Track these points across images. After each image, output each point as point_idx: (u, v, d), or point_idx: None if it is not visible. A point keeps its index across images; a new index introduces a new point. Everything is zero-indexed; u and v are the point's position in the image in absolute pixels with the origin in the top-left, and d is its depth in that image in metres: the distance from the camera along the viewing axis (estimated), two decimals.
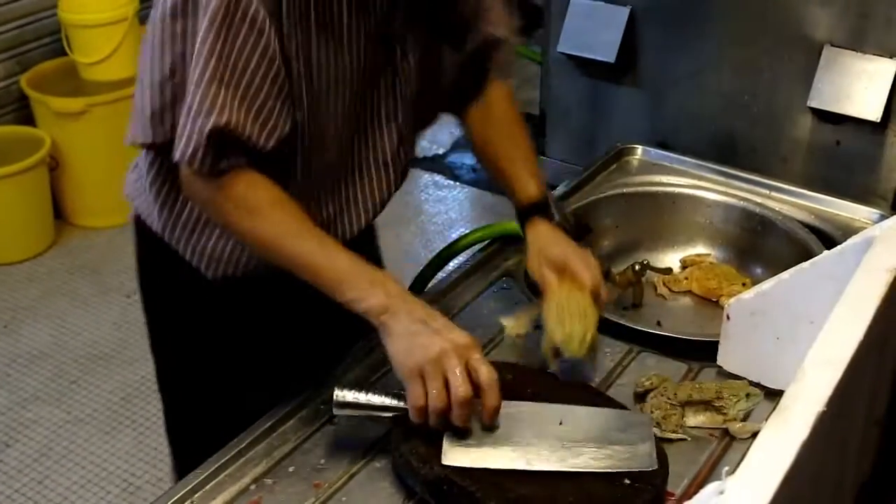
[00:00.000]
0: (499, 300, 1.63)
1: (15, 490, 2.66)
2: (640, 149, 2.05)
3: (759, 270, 1.77)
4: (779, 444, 0.84)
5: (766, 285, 1.37)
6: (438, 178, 4.15)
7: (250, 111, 1.24)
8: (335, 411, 1.27)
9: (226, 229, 1.39)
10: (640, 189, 1.92)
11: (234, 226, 1.32)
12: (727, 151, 2.14)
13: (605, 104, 2.48)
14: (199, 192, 1.32)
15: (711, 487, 0.82)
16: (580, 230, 1.78)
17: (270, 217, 1.29)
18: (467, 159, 4.27)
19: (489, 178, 1.62)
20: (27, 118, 3.74)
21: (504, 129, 1.55)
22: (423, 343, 1.20)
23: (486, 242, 1.77)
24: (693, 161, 2.00)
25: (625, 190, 1.91)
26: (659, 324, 1.62)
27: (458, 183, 4.15)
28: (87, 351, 3.18)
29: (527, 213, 1.50)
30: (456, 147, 4.25)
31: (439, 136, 4.32)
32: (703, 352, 1.48)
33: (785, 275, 1.36)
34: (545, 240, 1.47)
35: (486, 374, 1.20)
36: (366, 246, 1.53)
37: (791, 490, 0.83)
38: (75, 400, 2.97)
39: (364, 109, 1.39)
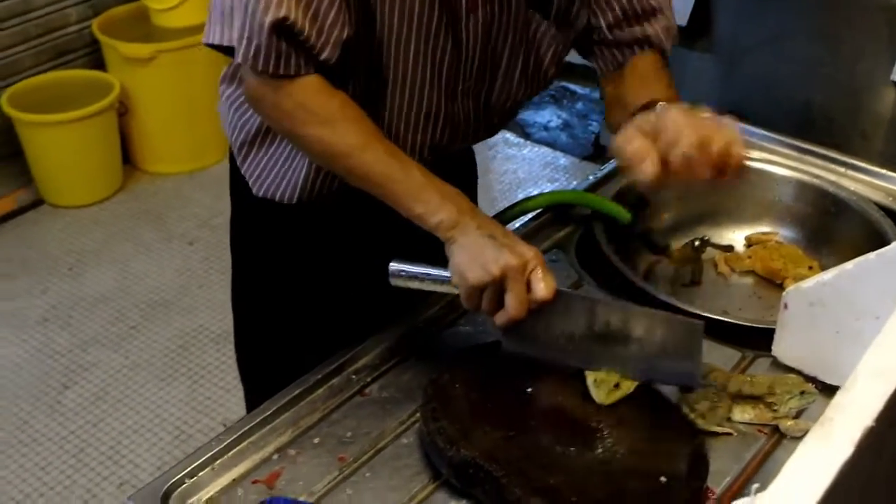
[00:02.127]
0: None
1: (70, 431, 2.70)
2: None
3: (828, 253, 1.67)
4: (817, 460, 0.77)
5: (828, 275, 1.28)
6: (509, 135, 4.07)
7: (308, 10, 1.19)
8: (391, 282, 1.25)
9: (291, 139, 1.34)
10: None
11: (303, 136, 1.28)
12: (802, 124, 2.02)
13: (674, 70, 2.35)
14: (264, 97, 1.27)
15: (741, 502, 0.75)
16: (638, 204, 1.71)
17: (342, 127, 1.25)
18: (540, 117, 4.18)
19: (561, 140, 1.53)
20: (98, 63, 3.75)
21: (642, 80, 1.45)
22: (488, 258, 1.18)
23: (539, 210, 1.70)
24: (764, 133, 1.89)
25: None
26: (726, 313, 1.53)
27: (528, 141, 4.06)
28: (149, 297, 3.20)
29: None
30: (528, 104, 4.15)
31: None
32: (758, 339, 1.39)
33: (849, 265, 1.26)
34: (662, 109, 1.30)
35: (542, 292, 1.18)
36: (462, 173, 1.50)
37: None
38: (133, 346, 2.99)
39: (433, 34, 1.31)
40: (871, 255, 1.24)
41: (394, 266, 1.26)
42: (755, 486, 0.75)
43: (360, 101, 1.28)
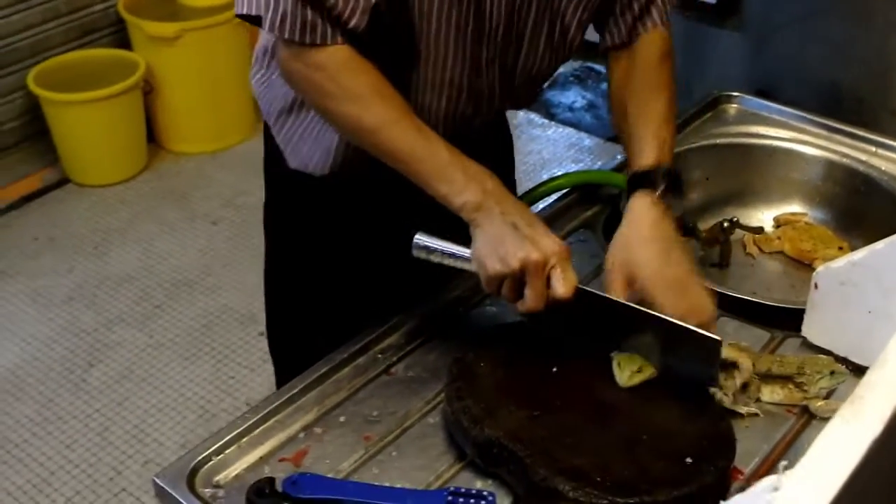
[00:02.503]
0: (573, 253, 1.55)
1: (95, 410, 2.71)
2: (737, 97, 1.92)
3: (858, 234, 1.65)
4: (846, 439, 0.76)
5: (859, 255, 1.27)
6: (534, 116, 4.04)
7: None
8: (413, 253, 1.24)
9: (321, 114, 1.34)
10: (734, 140, 1.80)
11: (332, 111, 1.28)
12: (832, 104, 1.99)
13: (703, 48, 2.34)
14: (297, 71, 1.27)
15: (766, 482, 0.74)
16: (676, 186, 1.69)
17: (371, 103, 1.24)
18: (564, 98, 4.15)
19: (586, 120, 1.51)
20: (123, 42, 3.75)
21: (642, 87, 1.40)
22: (508, 250, 1.15)
23: (566, 190, 1.69)
24: (794, 112, 1.86)
25: (718, 141, 1.80)
26: (754, 294, 1.51)
27: (553, 122, 4.04)
28: (173, 276, 3.21)
29: (632, 184, 1.33)
30: (553, 84, 4.12)
31: None
32: (787, 320, 1.38)
33: (879, 244, 1.25)
34: (635, 231, 1.27)
35: (561, 290, 1.16)
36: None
37: (857, 493, 0.75)
38: (158, 324, 3.01)
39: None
40: None
41: (418, 238, 1.24)
42: (783, 463, 0.74)
43: (387, 72, 1.27)
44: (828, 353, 1.33)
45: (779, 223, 1.73)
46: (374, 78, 1.25)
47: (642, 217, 1.29)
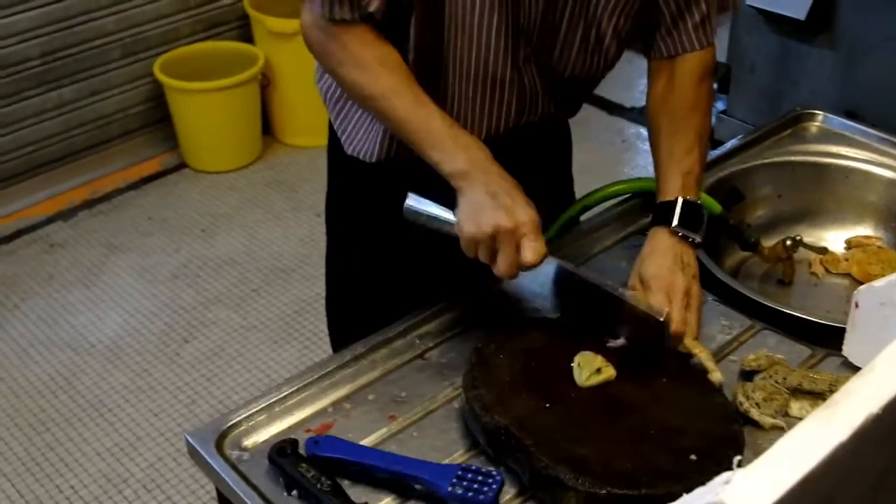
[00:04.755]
0: (624, 258, 1.56)
1: (186, 383, 2.83)
2: (820, 115, 1.89)
3: None
4: (809, 440, 0.76)
5: None
6: (643, 129, 4.02)
7: None
8: (405, 215, 1.30)
9: (332, 76, 1.43)
10: (810, 158, 1.78)
11: (340, 75, 1.37)
12: None
13: (793, 65, 2.30)
14: (316, 38, 1.37)
15: (720, 477, 0.75)
16: (730, 197, 1.68)
17: (376, 73, 1.33)
18: None
19: None
20: (246, 36, 3.90)
21: (678, 106, 1.44)
22: (484, 216, 1.23)
23: (626, 196, 1.70)
24: (877, 134, 1.82)
25: (793, 158, 1.78)
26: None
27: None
28: (272, 263, 3.32)
29: (655, 214, 1.42)
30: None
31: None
32: (829, 338, 1.36)
33: None
34: (649, 251, 1.38)
35: (528, 257, 1.22)
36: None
37: (822, 498, 0.75)
38: (252, 307, 3.12)
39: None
40: None
41: (408, 201, 1.30)
42: (737, 458, 0.75)
43: (423, 67, 1.32)
44: None
45: (850, 245, 1.70)
46: (382, 51, 1.33)
47: (658, 243, 1.38)
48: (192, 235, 3.46)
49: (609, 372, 1.22)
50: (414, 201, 1.30)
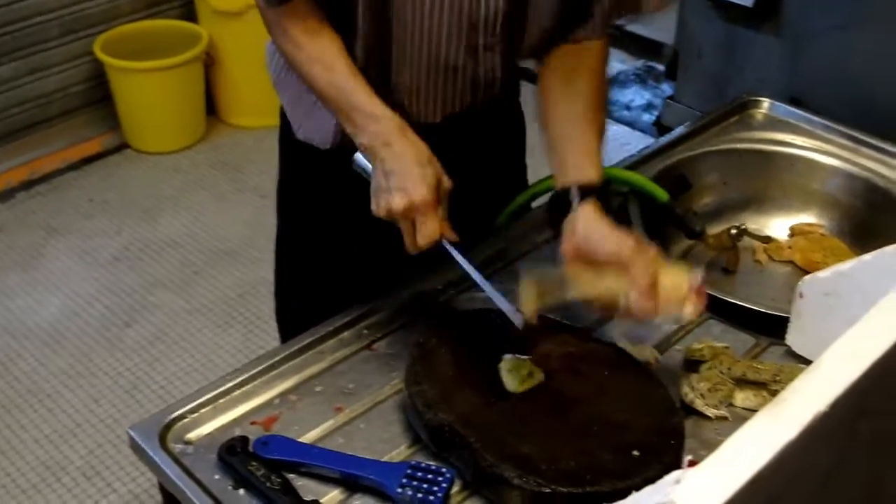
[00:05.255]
0: None
1: (127, 368, 2.79)
2: (766, 102, 1.90)
3: (873, 249, 1.62)
4: (758, 438, 0.76)
5: (845, 266, 1.26)
6: None
7: None
8: (354, 168, 1.32)
9: (277, 47, 1.42)
10: (756, 146, 1.79)
11: (279, 46, 1.37)
12: (865, 116, 1.95)
13: (740, 51, 2.31)
14: (263, 13, 1.36)
15: (671, 476, 0.74)
16: (677, 185, 1.68)
17: (305, 46, 1.33)
18: (622, 96, 4.13)
19: (642, 120, 1.50)
20: (190, 14, 3.83)
21: (574, 111, 1.40)
22: (381, 200, 1.25)
23: None
24: (822, 122, 1.84)
25: (739, 145, 1.79)
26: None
27: (609, 119, 4.01)
28: (216, 245, 3.27)
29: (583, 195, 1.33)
30: (612, 82, 4.10)
31: None
32: (773, 327, 1.37)
33: (867, 256, 1.24)
34: (583, 214, 1.30)
35: (418, 241, 1.24)
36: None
37: (771, 497, 0.75)
38: (195, 290, 3.07)
39: None
40: (890, 248, 1.21)
41: (356, 154, 1.32)
42: (688, 457, 0.75)
43: (372, 53, 1.30)
44: (810, 363, 1.31)
45: (794, 233, 1.71)
46: (313, 24, 1.33)
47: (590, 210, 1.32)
48: (134, 217, 3.40)
49: (539, 375, 1.21)
50: (360, 161, 1.32)
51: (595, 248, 1.25)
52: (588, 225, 1.28)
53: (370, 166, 1.29)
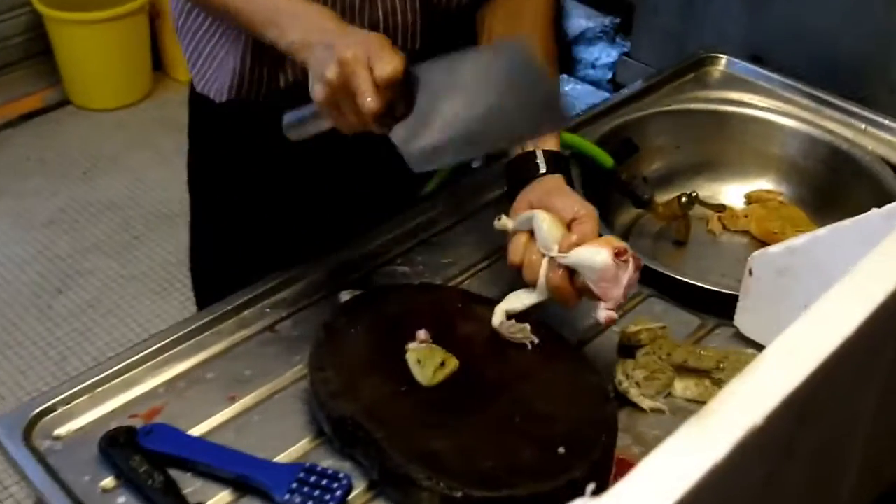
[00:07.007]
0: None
1: (57, 338, 2.65)
2: (724, 59, 1.76)
3: (834, 218, 1.47)
4: (679, 460, 0.63)
5: (798, 241, 1.13)
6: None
7: None
8: (286, 133, 1.14)
9: None
10: (710, 106, 1.65)
11: None
12: (828, 75, 1.82)
13: (699, 6, 2.17)
14: None
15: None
16: (623, 149, 1.55)
17: None
18: (587, 54, 3.97)
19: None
20: None
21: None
22: (328, 68, 1.02)
23: None
24: (782, 80, 1.71)
25: (693, 105, 1.65)
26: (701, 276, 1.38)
27: (571, 78, 3.86)
28: (157, 208, 3.12)
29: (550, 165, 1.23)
30: (577, 39, 3.94)
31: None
32: (721, 306, 1.24)
33: (822, 231, 1.11)
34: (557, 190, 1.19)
35: (387, 70, 1.01)
36: None
37: None
38: (133, 255, 2.93)
39: None
40: (847, 222, 1.08)
41: (284, 120, 1.13)
42: (590, 486, 0.61)
43: None
44: (759, 346, 1.19)
45: (750, 200, 1.58)
46: None
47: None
48: (73, 178, 3.24)
49: (453, 363, 1.06)
50: (288, 116, 1.13)
51: (554, 202, 1.14)
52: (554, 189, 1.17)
53: (302, 111, 1.11)
